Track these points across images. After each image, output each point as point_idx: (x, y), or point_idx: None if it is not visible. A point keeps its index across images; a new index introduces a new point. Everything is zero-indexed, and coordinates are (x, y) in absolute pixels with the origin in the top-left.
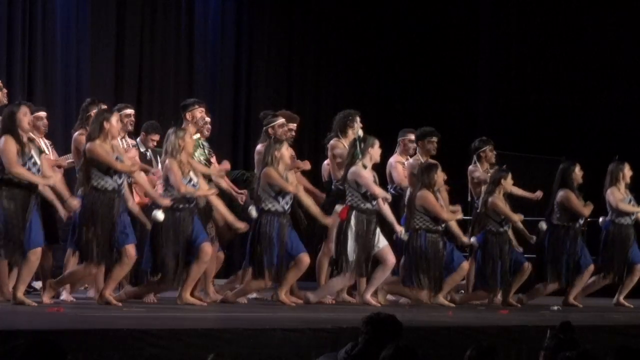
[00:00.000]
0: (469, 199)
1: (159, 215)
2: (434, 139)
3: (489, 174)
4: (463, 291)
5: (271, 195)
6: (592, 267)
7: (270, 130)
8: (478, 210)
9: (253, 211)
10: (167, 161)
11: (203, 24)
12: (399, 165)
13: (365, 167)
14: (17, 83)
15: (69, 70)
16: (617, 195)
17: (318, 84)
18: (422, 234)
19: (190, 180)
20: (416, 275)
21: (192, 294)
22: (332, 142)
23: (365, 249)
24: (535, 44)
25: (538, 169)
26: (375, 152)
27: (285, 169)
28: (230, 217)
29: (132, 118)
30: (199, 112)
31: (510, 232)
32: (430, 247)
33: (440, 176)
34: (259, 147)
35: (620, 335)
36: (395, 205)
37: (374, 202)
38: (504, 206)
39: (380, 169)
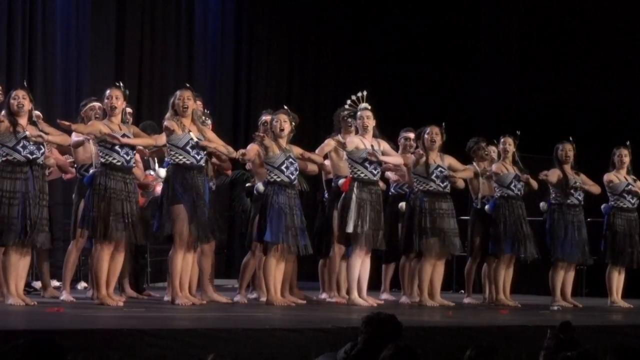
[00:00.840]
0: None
1: (162, 172)
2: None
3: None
4: (463, 291)
5: (275, 166)
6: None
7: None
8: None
9: (260, 186)
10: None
11: (203, 24)
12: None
13: (363, 136)
14: (17, 83)
15: (69, 70)
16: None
17: (318, 84)
18: (420, 195)
19: (191, 139)
20: (418, 237)
21: (190, 294)
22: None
23: (370, 220)
24: (536, 44)
25: (538, 169)
26: (364, 121)
27: (287, 139)
28: (227, 148)
29: (128, 116)
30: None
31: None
32: (429, 207)
33: (435, 136)
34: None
35: (620, 335)
36: (397, 203)
37: (376, 172)
38: (497, 168)
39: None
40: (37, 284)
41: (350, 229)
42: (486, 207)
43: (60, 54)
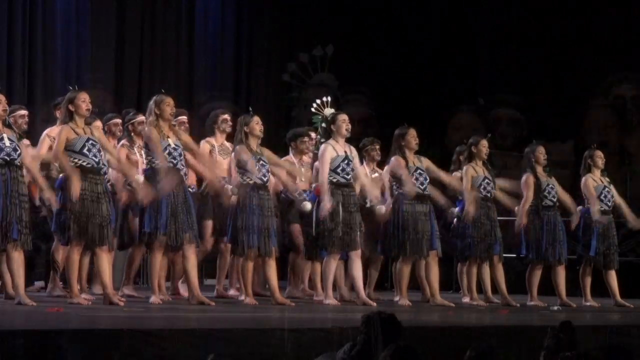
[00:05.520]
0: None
1: (141, 179)
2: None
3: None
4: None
5: (246, 169)
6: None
7: (130, 127)
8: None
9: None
10: (146, 129)
11: (203, 24)
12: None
13: (336, 142)
14: (18, 83)
15: (69, 70)
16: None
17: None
18: (400, 199)
19: (169, 145)
20: (395, 242)
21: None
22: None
23: (343, 221)
24: (535, 41)
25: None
26: (337, 126)
27: (256, 143)
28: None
29: (26, 119)
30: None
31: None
32: (408, 212)
33: (410, 141)
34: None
35: (620, 335)
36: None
37: (349, 177)
38: (467, 176)
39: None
40: (39, 284)
41: (333, 232)
42: (456, 209)
43: (60, 54)
